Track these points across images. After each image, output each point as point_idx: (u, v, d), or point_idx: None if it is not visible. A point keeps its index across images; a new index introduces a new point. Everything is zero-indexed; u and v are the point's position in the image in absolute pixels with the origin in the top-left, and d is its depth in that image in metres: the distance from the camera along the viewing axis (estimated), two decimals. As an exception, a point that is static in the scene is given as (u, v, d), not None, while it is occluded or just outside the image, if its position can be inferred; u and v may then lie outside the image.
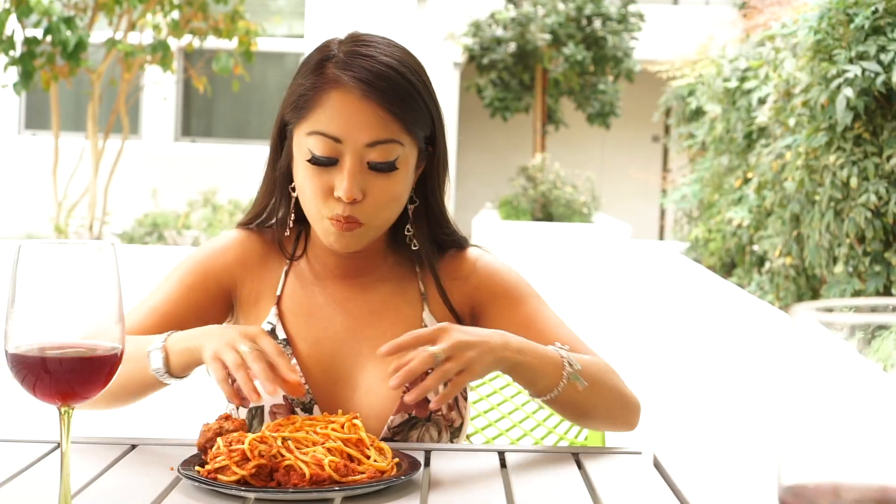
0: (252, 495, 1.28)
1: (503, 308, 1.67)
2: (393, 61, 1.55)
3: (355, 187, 1.53)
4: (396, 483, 1.34)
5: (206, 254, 1.67)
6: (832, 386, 0.64)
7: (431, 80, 1.62)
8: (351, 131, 1.53)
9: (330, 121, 1.53)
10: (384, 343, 1.53)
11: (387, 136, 1.54)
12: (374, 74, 1.53)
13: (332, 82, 1.53)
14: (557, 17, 14.76)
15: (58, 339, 1.11)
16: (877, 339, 0.64)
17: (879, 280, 5.43)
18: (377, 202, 1.55)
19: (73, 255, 1.12)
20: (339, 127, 1.53)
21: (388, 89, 1.53)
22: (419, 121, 1.57)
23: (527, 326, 1.64)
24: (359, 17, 12.23)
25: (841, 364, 0.64)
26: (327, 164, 1.54)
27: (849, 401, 0.63)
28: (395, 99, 1.53)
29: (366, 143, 1.53)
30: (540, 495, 1.37)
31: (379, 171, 1.54)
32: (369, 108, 1.53)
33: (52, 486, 1.32)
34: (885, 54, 5.30)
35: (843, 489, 0.63)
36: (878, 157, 5.46)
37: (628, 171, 17.54)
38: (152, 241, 9.48)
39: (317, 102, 1.54)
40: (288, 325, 1.64)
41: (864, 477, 0.63)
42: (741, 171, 8.06)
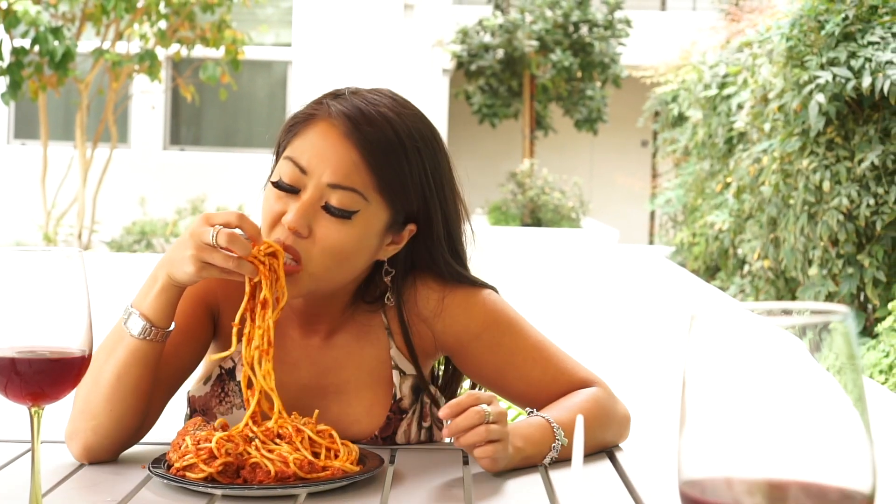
0: (219, 492, 1.33)
1: (479, 349, 1.60)
2: (392, 114, 1.49)
3: (302, 220, 1.45)
4: (360, 479, 1.38)
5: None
6: (725, 388, 0.69)
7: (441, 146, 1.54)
8: (318, 166, 1.46)
9: (304, 151, 1.48)
10: (350, 387, 1.58)
11: (350, 184, 1.46)
12: (364, 116, 1.47)
13: (323, 113, 1.49)
14: (545, 24, 14.83)
15: (28, 343, 1.16)
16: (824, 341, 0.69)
17: (853, 281, 5.50)
18: (322, 246, 1.46)
19: (42, 262, 1.17)
20: (310, 159, 1.47)
21: (371, 135, 1.46)
22: (397, 186, 1.48)
23: (504, 365, 1.60)
24: (346, 26, 12.28)
25: (733, 367, 0.69)
26: (288, 190, 1.48)
27: (739, 402, 0.67)
28: (375, 148, 1.46)
29: (328, 183, 1.46)
30: (499, 491, 1.42)
31: (333, 216, 1.46)
32: (345, 149, 1.46)
33: (24, 485, 1.36)
34: (856, 60, 5.37)
35: (735, 482, 0.68)
36: (849, 162, 5.53)
37: (617, 176, 17.61)
38: (140, 249, 9.51)
39: (303, 129, 1.50)
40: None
41: (753, 471, 0.68)
42: (722, 176, 8.13)
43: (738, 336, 0.69)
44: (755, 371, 0.68)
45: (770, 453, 0.68)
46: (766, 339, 0.69)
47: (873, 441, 0.69)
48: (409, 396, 1.60)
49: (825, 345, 0.69)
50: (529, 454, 1.47)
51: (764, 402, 0.68)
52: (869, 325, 5.62)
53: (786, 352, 0.68)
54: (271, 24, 12.42)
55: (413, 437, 1.61)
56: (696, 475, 0.70)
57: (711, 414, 0.69)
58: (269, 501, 1.31)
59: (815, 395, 0.68)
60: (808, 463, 0.68)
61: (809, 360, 0.68)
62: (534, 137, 15.76)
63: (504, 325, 1.61)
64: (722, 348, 0.69)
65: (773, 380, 0.68)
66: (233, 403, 1.59)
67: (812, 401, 0.68)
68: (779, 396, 0.68)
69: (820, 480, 0.68)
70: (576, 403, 1.57)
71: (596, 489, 1.44)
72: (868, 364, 4.91)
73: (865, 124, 5.56)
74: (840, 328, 0.69)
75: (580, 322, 7.48)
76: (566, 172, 16.07)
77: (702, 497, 0.69)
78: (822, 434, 0.68)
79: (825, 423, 0.68)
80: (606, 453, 1.59)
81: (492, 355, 1.60)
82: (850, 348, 0.69)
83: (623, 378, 5.61)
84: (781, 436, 0.68)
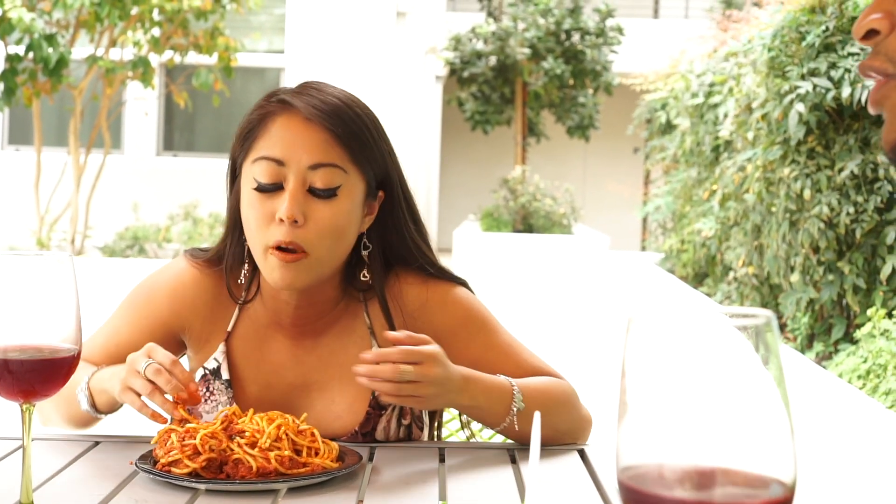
0: (203, 486, 1.37)
1: (456, 344, 1.65)
2: (341, 97, 1.57)
3: (296, 208, 1.51)
4: (339, 475, 1.44)
5: (155, 295, 1.68)
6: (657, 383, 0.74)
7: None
8: (294, 153, 1.52)
9: (274, 145, 1.53)
10: (334, 384, 1.64)
11: (329, 159, 1.53)
12: (320, 101, 1.54)
13: (277, 109, 1.56)
14: (537, 32, 14.88)
15: (20, 343, 1.22)
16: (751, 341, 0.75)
17: (833, 288, 5.54)
18: (319, 229, 1.53)
19: (34, 266, 1.23)
20: (283, 150, 1.53)
21: (332, 114, 1.54)
22: (366, 154, 1.56)
23: (478, 359, 1.64)
24: (339, 32, 12.32)
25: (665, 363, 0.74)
26: (272, 189, 1.53)
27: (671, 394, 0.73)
28: (339, 124, 1.53)
29: (308, 166, 1.52)
30: (472, 489, 1.46)
31: (320, 198, 1.53)
32: (313, 131, 1.53)
33: (16, 480, 1.40)
34: (836, 71, 5.43)
35: (666, 468, 0.73)
36: (830, 170, 5.59)
37: (609, 183, 17.65)
38: (133, 255, 9.54)
39: (262, 130, 1.55)
40: (238, 366, 1.65)
41: (683, 459, 0.72)
42: (709, 184, 8.19)
43: (670, 334, 0.74)
44: (686, 365, 0.73)
45: (698, 442, 0.72)
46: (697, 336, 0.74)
47: (795, 433, 0.75)
48: None
49: (758, 345, 0.74)
50: (482, 404, 1.55)
51: (693, 394, 0.72)
52: (849, 331, 5.67)
53: (715, 348, 0.74)
54: (264, 31, 12.46)
55: (392, 434, 1.66)
56: (631, 463, 0.75)
57: (645, 406, 0.74)
58: (251, 496, 1.36)
59: (743, 388, 0.73)
60: (734, 452, 0.73)
61: (739, 356, 0.75)
62: (526, 144, 15.79)
63: (479, 321, 1.68)
64: (655, 345, 0.75)
65: (702, 373, 0.73)
66: (218, 402, 1.65)
67: (739, 394, 0.73)
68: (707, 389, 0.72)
69: (745, 469, 0.72)
70: (542, 381, 1.63)
71: (563, 485, 1.49)
72: (847, 369, 4.96)
73: (845, 134, 5.62)
74: (766, 329, 0.75)
75: (571, 327, 7.52)
76: (558, 179, 16.10)
77: (636, 485, 0.75)
78: (749, 425, 0.73)
79: (751, 414, 0.73)
80: (577, 451, 1.65)
81: (468, 351, 1.65)
82: (774, 347, 0.75)
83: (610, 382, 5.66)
84: (710, 425, 0.72)
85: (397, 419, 1.67)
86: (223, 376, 1.64)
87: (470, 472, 1.54)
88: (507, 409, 1.56)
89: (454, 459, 1.59)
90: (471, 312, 1.68)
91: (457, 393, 1.52)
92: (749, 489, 0.73)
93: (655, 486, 0.73)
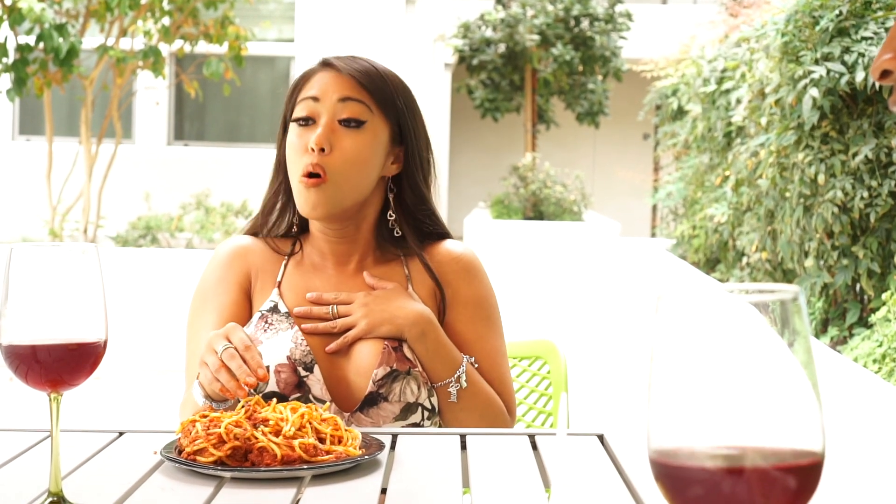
0: (228, 474, 1.39)
1: (466, 315, 1.89)
2: (375, 64, 1.86)
3: (324, 137, 1.77)
4: (361, 462, 1.45)
5: (225, 261, 1.90)
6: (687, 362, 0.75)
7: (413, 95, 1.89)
8: (328, 91, 1.81)
9: (311, 87, 1.83)
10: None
11: (357, 96, 1.81)
12: (354, 61, 1.85)
13: (317, 68, 1.85)
14: (546, 18, 14.83)
15: (47, 332, 1.23)
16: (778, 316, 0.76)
17: (848, 273, 5.53)
18: (344, 157, 1.77)
19: (60, 257, 1.24)
20: (318, 89, 1.81)
21: (362, 70, 1.83)
22: (391, 104, 1.84)
23: (472, 343, 1.88)
24: (348, 20, 12.31)
25: (694, 342, 0.75)
26: (307, 121, 1.80)
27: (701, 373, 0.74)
28: (367, 77, 1.82)
29: (338, 98, 1.80)
30: (495, 474, 1.48)
31: (348, 127, 1.79)
32: (345, 78, 1.82)
33: (44, 469, 1.43)
34: (849, 55, 5.41)
35: (697, 444, 0.74)
36: (844, 155, 5.57)
37: (619, 169, 17.62)
38: (146, 244, 9.56)
39: (303, 83, 1.85)
40: (287, 301, 1.85)
41: (714, 435, 0.74)
42: (721, 169, 8.17)
43: (700, 313, 0.76)
44: (714, 344, 0.74)
45: (729, 420, 0.74)
46: (725, 314, 0.75)
47: (822, 405, 0.76)
48: None
49: (780, 319, 0.75)
50: (429, 351, 1.79)
51: (722, 371, 0.74)
52: (864, 315, 5.67)
53: (743, 326, 0.75)
54: (274, 20, 12.46)
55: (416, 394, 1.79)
56: (662, 441, 0.76)
57: (676, 385, 0.75)
58: (275, 483, 1.38)
59: (770, 364, 0.74)
60: (765, 429, 0.74)
61: (766, 334, 0.75)
62: (536, 131, 15.77)
63: (490, 310, 1.91)
64: (685, 325, 0.76)
65: (731, 352, 0.74)
66: (278, 328, 1.82)
67: (767, 370, 0.74)
68: (736, 366, 0.74)
69: (775, 444, 0.74)
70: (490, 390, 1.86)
71: (584, 470, 1.50)
72: (862, 353, 4.95)
73: (859, 118, 5.60)
74: (792, 305, 0.76)
75: (582, 314, 7.53)
76: (568, 166, 16.09)
77: (669, 460, 0.76)
78: (778, 402, 0.74)
79: (779, 389, 0.74)
80: (597, 436, 1.66)
81: (470, 331, 1.88)
82: (801, 322, 0.76)
83: (623, 368, 5.67)
84: (739, 403, 0.73)
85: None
86: (281, 310, 1.83)
87: (492, 459, 1.55)
88: (450, 373, 1.79)
89: (476, 446, 1.60)
90: (490, 298, 1.92)
91: (409, 325, 1.77)
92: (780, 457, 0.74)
93: (687, 460, 0.74)
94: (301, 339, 1.79)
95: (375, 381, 1.76)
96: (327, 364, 1.79)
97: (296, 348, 1.78)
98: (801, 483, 0.73)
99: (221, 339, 1.58)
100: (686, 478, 0.74)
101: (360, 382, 1.78)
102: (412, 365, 1.78)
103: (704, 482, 0.73)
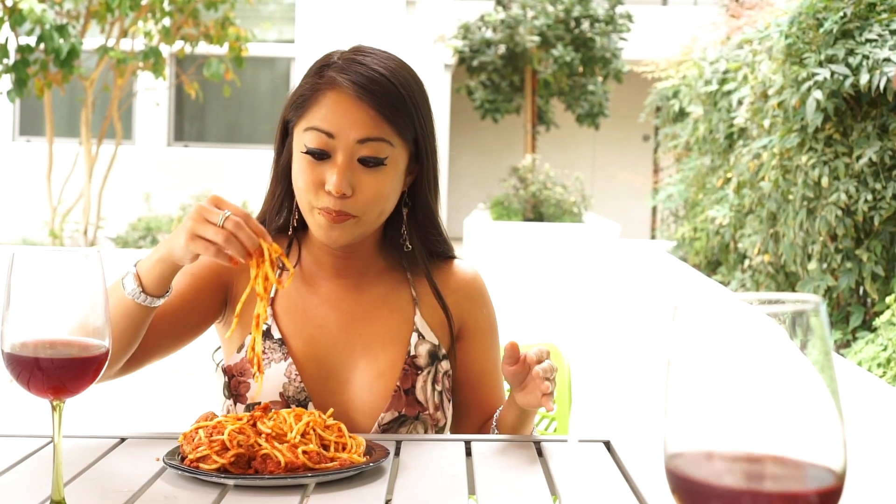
0: (231, 482, 1.37)
1: (483, 345, 1.83)
2: (387, 71, 1.66)
3: (344, 182, 1.63)
4: (366, 469, 1.43)
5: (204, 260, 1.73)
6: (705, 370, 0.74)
7: (426, 89, 1.73)
8: (343, 128, 1.64)
9: (324, 118, 1.65)
10: (377, 341, 1.72)
11: (377, 134, 1.65)
12: (368, 79, 1.64)
13: (328, 84, 1.66)
14: (546, 19, 14.82)
15: (49, 339, 1.21)
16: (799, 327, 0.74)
17: (851, 276, 5.52)
18: (367, 198, 1.65)
19: (62, 262, 1.22)
20: (333, 124, 1.64)
21: (379, 92, 1.64)
22: (410, 127, 1.68)
23: (490, 372, 1.83)
24: (348, 21, 12.30)
25: (713, 351, 0.74)
26: (320, 156, 1.65)
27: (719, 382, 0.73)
28: (385, 102, 1.64)
29: (357, 140, 1.64)
30: (500, 481, 1.46)
31: (368, 167, 1.65)
32: (361, 109, 1.64)
33: (46, 476, 1.41)
34: (854, 57, 5.39)
35: (715, 456, 0.73)
36: (848, 157, 5.55)
37: (619, 171, 17.61)
38: (146, 245, 9.55)
39: (314, 101, 1.66)
40: (281, 323, 1.72)
41: (732, 447, 0.73)
42: (723, 171, 8.16)
43: (718, 321, 0.74)
44: (734, 354, 0.73)
45: (748, 429, 0.72)
46: (744, 324, 0.74)
47: (844, 420, 0.74)
48: (425, 358, 1.74)
49: (800, 330, 0.74)
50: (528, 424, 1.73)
51: (742, 381, 0.73)
52: (868, 318, 5.65)
53: (762, 336, 0.73)
54: (274, 21, 12.45)
55: (429, 395, 1.72)
56: (679, 451, 0.75)
57: (693, 393, 0.74)
58: (279, 491, 1.36)
59: (791, 376, 0.73)
60: (783, 440, 0.72)
61: (785, 344, 0.73)
62: (535, 132, 15.76)
63: (497, 331, 1.87)
64: (703, 333, 0.75)
65: (751, 361, 0.73)
66: (271, 359, 1.71)
67: (788, 381, 0.73)
68: (756, 376, 0.73)
69: (795, 456, 0.72)
70: None
71: (591, 477, 1.48)
72: (866, 357, 4.94)
73: (863, 121, 5.58)
74: (813, 315, 0.74)
75: (582, 316, 7.51)
76: (568, 167, 16.08)
77: (686, 473, 0.74)
78: (798, 412, 0.72)
79: (800, 402, 0.73)
80: (603, 443, 1.65)
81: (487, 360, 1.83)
82: (822, 333, 0.74)
83: (623, 370, 5.66)
84: (758, 413, 0.72)
85: (432, 383, 1.73)
86: (275, 336, 1.71)
87: (497, 465, 1.54)
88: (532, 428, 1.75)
89: (481, 453, 1.59)
90: (493, 314, 1.86)
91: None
92: (799, 478, 0.72)
93: (704, 474, 0.73)
94: (295, 374, 1.69)
95: (382, 424, 1.69)
96: (322, 400, 1.69)
97: (289, 384, 1.68)
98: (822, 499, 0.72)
99: (213, 209, 1.47)
100: (704, 492, 0.73)
101: (363, 423, 1.70)
102: (422, 409, 1.71)
103: (723, 496, 0.72)
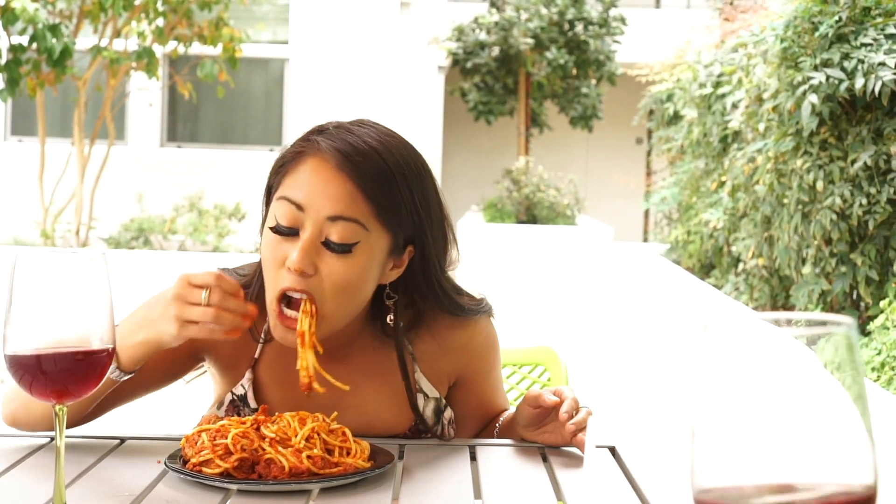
0: (235, 487, 1.35)
1: (488, 380, 1.76)
2: (379, 144, 1.48)
3: (306, 260, 1.45)
4: (371, 475, 1.42)
5: None
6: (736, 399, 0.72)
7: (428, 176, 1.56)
8: (315, 200, 1.46)
9: (298, 187, 1.47)
10: (367, 410, 1.62)
11: (351, 214, 1.46)
12: (354, 149, 1.47)
13: (311, 149, 1.49)
14: (540, 22, 14.84)
15: (53, 342, 1.19)
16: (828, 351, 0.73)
17: (846, 280, 5.53)
18: (331, 283, 1.46)
19: (66, 263, 1.21)
20: (305, 194, 1.46)
21: (363, 165, 1.46)
22: (395, 211, 1.48)
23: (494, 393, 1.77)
24: (342, 23, 12.29)
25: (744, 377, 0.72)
26: (287, 233, 1.47)
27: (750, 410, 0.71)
28: (369, 178, 1.46)
29: (327, 216, 1.45)
30: (506, 486, 1.45)
31: (334, 252, 1.46)
32: (339, 181, 1.46)
33: (46, 478, 1.38)
34: (849, 62, 5.41)
35: (746, 488, 0.71)
36: (842, 161, 5.57)
37: (612, 174, 17.63)
38: (138, 246, 9.53)
39: (293, 167, 1.49)
40: (267, 392, 1.62)
41: (765, 475, 0.71)
42: (717, 175, 8.17)
43: (749, 346, 0.72)
44: (765, 380, 0.71)
45: (779, 459, 0.70)
46: (776, 350, 0.71)
47: (875, 443, 0.73)
48: (432, 418, 1.67)
49: (830, 353, 0.72)
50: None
51: (774, 409, 0.71)
52: (862, 323, 5.66)
53: (794, 361, 0.71)
54: (268, 22, 12.43)
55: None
56: (709, 483, 0.73)
57: (723, 422, 0.72)
58: (283, 496, 1.34)
59: (822, 402, 0.71)
60: (816, 467, 0.71)
61: (816, 369, 0.72)
62: (529, 135, 15.78)
63: (498, 357, 1.77)
64: (734, 358, 0.72)
65: (783, 388, 0.71)
66: None
67: (819, 408, 0.71)
68: (788, 404, 0.71)
69: (826, 481, 0.70)
70: None
71: (599, 484, 1.47)
72: (861, 362, 4.95)
73: (858, 125, 5.60)
74: (844, 338, 0.72)
75: (575, 319, 7.51)
76: (561, 170, 16.10)
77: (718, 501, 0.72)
78: (829, 439, 0.71)
79: (831, 428, 0.71)
80: (608, 448, 1.64)
81: (489, 392, 1.76)
82: (853, 357, 0.72)
83: (618, 374, 5.65)
84: (790, 442, 0.70)
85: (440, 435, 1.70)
86: (251, 404, 1.61)
87: (502, 470, 1.53)
88: None
89: (486, 457, 1.58)
90: (495, 345, 1.74)
91: None
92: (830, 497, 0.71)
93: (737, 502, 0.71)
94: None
95: None
96: None
97: None
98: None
99: (191, 289, 1.39)
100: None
101: None
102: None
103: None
